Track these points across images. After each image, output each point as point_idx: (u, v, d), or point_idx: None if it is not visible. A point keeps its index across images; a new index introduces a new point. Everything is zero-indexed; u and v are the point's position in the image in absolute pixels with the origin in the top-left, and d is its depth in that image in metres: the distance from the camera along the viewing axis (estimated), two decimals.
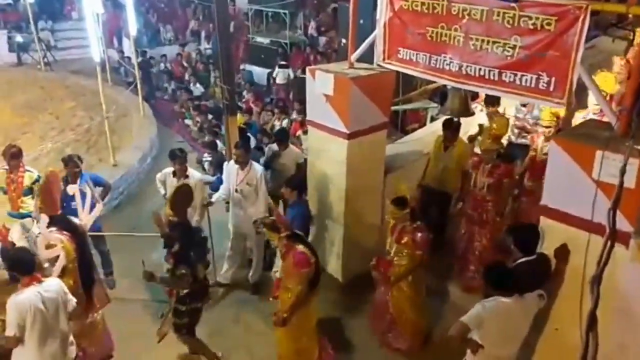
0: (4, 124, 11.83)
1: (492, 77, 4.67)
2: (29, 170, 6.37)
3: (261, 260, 6.61)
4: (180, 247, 4.88)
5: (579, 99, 4.80)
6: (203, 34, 18.42)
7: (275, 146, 7.08)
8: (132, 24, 12.71)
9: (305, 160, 6.87)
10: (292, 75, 13.80)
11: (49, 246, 4.73)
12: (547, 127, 6.57)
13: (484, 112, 7.35)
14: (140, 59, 14.64)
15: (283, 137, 7.21)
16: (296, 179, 6.25)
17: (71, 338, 4.55)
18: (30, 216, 6.03)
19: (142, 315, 6.14)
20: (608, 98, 6.36)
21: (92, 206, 5.50)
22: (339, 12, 11.72)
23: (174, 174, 6.33)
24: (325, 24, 16.05)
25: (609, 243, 3.17)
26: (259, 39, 16.33)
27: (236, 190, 6.31)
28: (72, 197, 6.02)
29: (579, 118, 6.59)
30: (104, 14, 15.10)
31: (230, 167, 6.45)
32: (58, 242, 4.80)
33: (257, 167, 6.33)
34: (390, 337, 5.62)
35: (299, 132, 9.49)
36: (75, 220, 5.18)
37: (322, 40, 15.57)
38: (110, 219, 7.78)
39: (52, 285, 4.27)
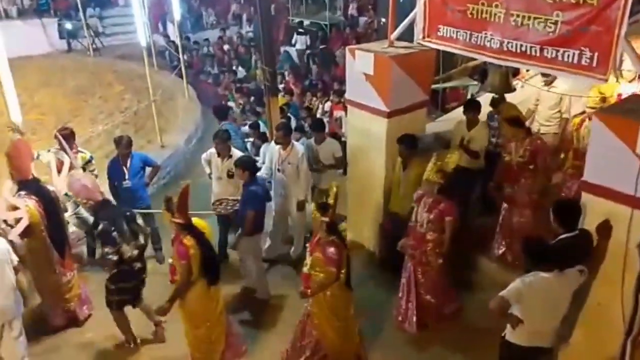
0: (56, 109, 12.28)
1: (533, 53, 4.65)
2: (81, 152, 6.63)
3: (302, 237, 6.77)
4: (104, 228, 4.97)
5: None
6: (244, 17, 18.57)
7: (312, 142, 6.96)
8: (176, 9, 12.95)
9: (343, 151, 6.91)
10: (309, 42, 13.96)
11: (10, 208, 5.15)
12: (592, 108, 6.23)
13: (525, 88, 7.27)
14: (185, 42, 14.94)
15: (319, 128, 7.01)
16: (246, 158, 6.07)
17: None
18: None
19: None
20: None
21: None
22: None
23: (218, 154, 6.51)
24: (365, 4, 15.96)
25: None
26: (299, 21, 16.37)
27: (278, 170, 6.47)
28: (123, 176, 6.35)
29: None
30: (149, 0, 15.43)
31: (271, 148, 6.62)
32: (22, 206, 5.17)
33: (299, 147, 6.46)
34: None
35: (339, 114, 9.54)
36: (48, 186, 5.58)
37: (362, 20, 15.50)
38: (159, 198, 8.05)
39: None
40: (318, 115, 10.15)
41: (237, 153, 6.57)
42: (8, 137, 5.82)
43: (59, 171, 6.07)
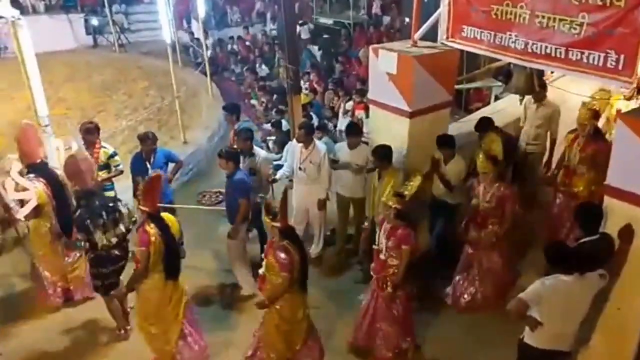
0: (81, 104, 12.45)
1: (558, 55, 4.63)
2: (104, 147, 6.67)
3: (322, 236, 6.80)
4: (80, 215, 5.10)
5: None
6: (269, 15, 18.64)
7: (344, 146, 6.56)
8: (201, 6, 13.05)
9: None
10: (312, 27, 14.22)
11: (18, 189, 5.46)
12: (582, 124, 5.79)
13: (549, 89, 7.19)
14: (210, 39, 15.05)
15: (354, 133, 6.47)
16: (229, 149, 6.12)
17: None
18: (106, 189, 6.52)
19: (208, 283, 6.49)
20: None
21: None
22: None
23: (241, 151, 6.56)
24: (388, 4, 15.93)
25: None
26: (323, 20, 16.39)
27: (300, 168, 6.51)
28: (146, 171, 6.44)
29: None
30: None
31: (294, 146, 6.65)
32: (31, 187, 5.46)
33: (320, 146, 6.48)
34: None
35: (360, 114, 9.54)
36: (55, 170, 5.81)
37: (386, 19, 15.47)
38: (181, 193, 8.19)
39: None
40: (340, 115, 10.17)
41: (259, 151, 6.62)
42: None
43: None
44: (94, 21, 17.97)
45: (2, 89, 12.35)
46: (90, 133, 6.49)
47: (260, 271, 4.70)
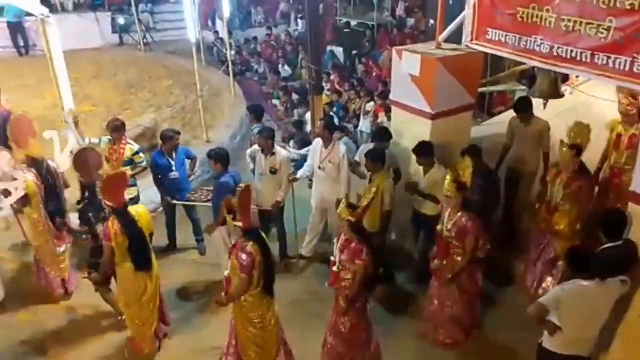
0: (107, 101, 12.63)
1: (584, 59, 4.57)
2: (129, 143, 6.80)
3: None
4: (83, 207, 5.35)
5: None
6: (292, 15, 18.71)
7: (369, 147, 6.46)
8: (226, 6, 13.16)
9: None
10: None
11: (5, 178, 5.62)
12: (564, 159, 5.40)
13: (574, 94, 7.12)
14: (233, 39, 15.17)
15: (382, 138, 6.37)
16: (218, 150, 6.20)
17: None
18: (130, 184, 6.58)
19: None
20: None
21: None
22: None
23: (262, 150, 6.61)
24: (413, 6, 15.88)
25: None
26: (346, 21, 16.41)
27: (319, 167, 6.53)
28: (169, 168, 6.52)
29: None
30: None
31: (315, 145, 6.68)
32: (20, 177, 5.62)
33: (340, 146, 6.50)
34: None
35: (381, 117, 9.54)
36: (50, 162, 5.92)
37: (410, 21, 15.43)
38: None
39: None
40: (361, 116, 10.19)
41: (279, 150, 6.66)
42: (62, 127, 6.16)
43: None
44: (121, 20, 18.16)
45: (31, 85, 12.57)
46: (117, 130, 6.62)
47: (225, 273, 4.63)
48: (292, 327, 5.29)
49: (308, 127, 9.69)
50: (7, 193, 5.57)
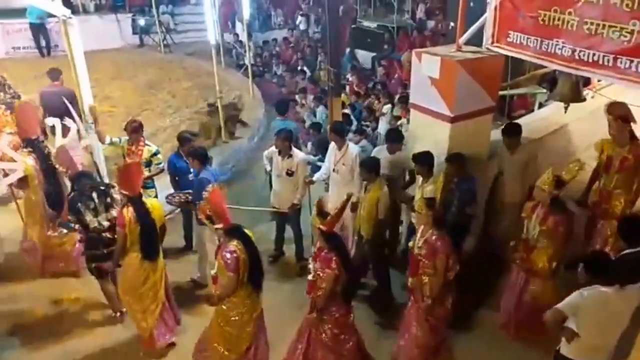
0: (126, 102, 12.76)
1: (606, 63, 4.48)
2: (148, 145, 6.84)
3: (354, 238, 6.77)
4: (73, 197, 5.47)
5: None
6: (312, 17, 18.73)
7: (385, 151, 6.51)
8: (246, 9, 13.22)
9: None
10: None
11: (4, 159, 6.02)
12: (543, 190, 5.01)
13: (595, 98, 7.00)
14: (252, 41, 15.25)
15: (394, 139, 6.47)
16: (196, 148, 6.30)
17: None
18: (147, 187, 6.72)
19: None
20: None
21: None
22: None
23: (279, 152, 6.62)
24: (434, 8, 15.81)
25: None
26: (366, 23, 16.39)
27: (334, 170, 6.52)
28: (187, 170, 6.56)
29: None
30: None
31: (331, 148, 6.68)
32: (19, 160, 6.02)
33: (353, 149, 6.49)
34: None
35: (402, 121, 9.48)
36: (49, 147, 6.28)
37: (430, 24, 15.36)
38: None
39: None
40: (380, 119, 10.15)
41: (297, 152, 6.65)
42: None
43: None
44: (141, 21, 18.35)
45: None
46: (136, 131, 6.67)
47: (212, 272, 4.64)
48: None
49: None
50: (5, 174, 5.92)
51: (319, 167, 7.01)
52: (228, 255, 4.41)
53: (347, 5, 17.33)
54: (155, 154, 6.79)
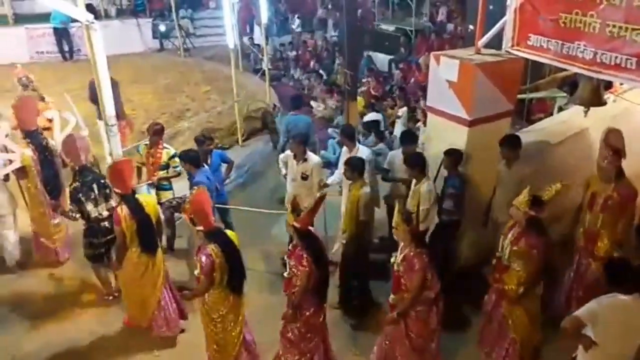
0: (146, 105, 12.88)
1: (629, 66, 4.42)
2: (166, 148, 6.93)
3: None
4: (74, 188, 5.77)
5: None
6: (330, 21, 18.75)
7: (399, 154, 6.50)
8: (264, 13, 13.27)
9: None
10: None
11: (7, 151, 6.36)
12: (519, 209, 4.64)
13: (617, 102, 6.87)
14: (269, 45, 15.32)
15: (407, 141, 6.51)
16: (187, 152, 6.45)
17: None
18: (164, 189, 6.83)
19: (258, 285, 6.48)
20: None
21: None
22: None
23: (294, 156, 6.61)
24: (454, 11, 15.73)
25: None
26: (384, 26, 16.35)
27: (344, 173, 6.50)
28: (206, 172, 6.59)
29: None
30: (238, 3, 15.89)
31: (344, 151, 6.67)
32: (17, 150, 6.35)
33: (364, 151, 6.46)
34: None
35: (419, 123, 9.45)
36: (48, 139, 6.67)
37: (449, 27, 15.28)
38: (236, 195, 8.34)
39: None
40: (396, 123, 10.12)
41: (312, 157, 6.64)
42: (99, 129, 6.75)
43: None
44: (161, 26, 18.50)
45: (74, 90, 12.80)
46: (157, 134, 6.80)
47: (195, 272, 4.67)
48: None
49: None
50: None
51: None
52: (203, 259, 4.48)
53: (365, 8, 17.32)
54: (173, 157, 6.85)
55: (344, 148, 6.68)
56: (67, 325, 6.02)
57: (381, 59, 15.43)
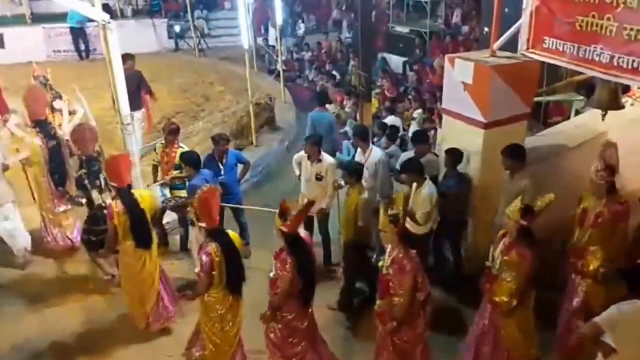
0: (161, 105, 12.87)
1: None
2: (181, 147, 6.97)
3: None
4: (80, 175, 6.02)
5: None
6: (345, 23, 18.76)
7: (411, 154, 6.51)
8: (279, 14, 13.31)
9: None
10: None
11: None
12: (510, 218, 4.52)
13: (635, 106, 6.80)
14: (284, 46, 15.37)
15: (419, 140, 6.58)
16: (189, 154, 6.51)
17: None
18: (178, 188, 6.83)
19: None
20: None
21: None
22: (483, 0, 11.40)
23: (309, 157, 6.61)
24: (467, 13, 15.68)
25: None
26: (399, 28, 16.33)
27: None
28: (218, 172, 6.62)
29: None
30: (253, 4, 15.95)
31: (358, 152, 6.67)
32: (27, 140, 6.62)
33: (376, 153, 6.46)
34: None
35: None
36: (57, 129, 6.90)
37: (464, 29, 15.23)
38: (250, 195, 8.35)
39: None
40: (412, 125, 10.09)
41: (326, 157, 6.64)
42: (117, 129, 6.83)
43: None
44: (177, 26, 18.66)
45: (90, 88, 12.96)
46: (172, 133, 6.86)
47: (196, 270, 4.68)
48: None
49: None
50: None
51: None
52: (204, 257, 4.51)
53: (380, 10, 17.30)
54: None
55: (358, 149, 6.68)
56: (75, 311, 6.18)
57: (395, 61, 15.42)
